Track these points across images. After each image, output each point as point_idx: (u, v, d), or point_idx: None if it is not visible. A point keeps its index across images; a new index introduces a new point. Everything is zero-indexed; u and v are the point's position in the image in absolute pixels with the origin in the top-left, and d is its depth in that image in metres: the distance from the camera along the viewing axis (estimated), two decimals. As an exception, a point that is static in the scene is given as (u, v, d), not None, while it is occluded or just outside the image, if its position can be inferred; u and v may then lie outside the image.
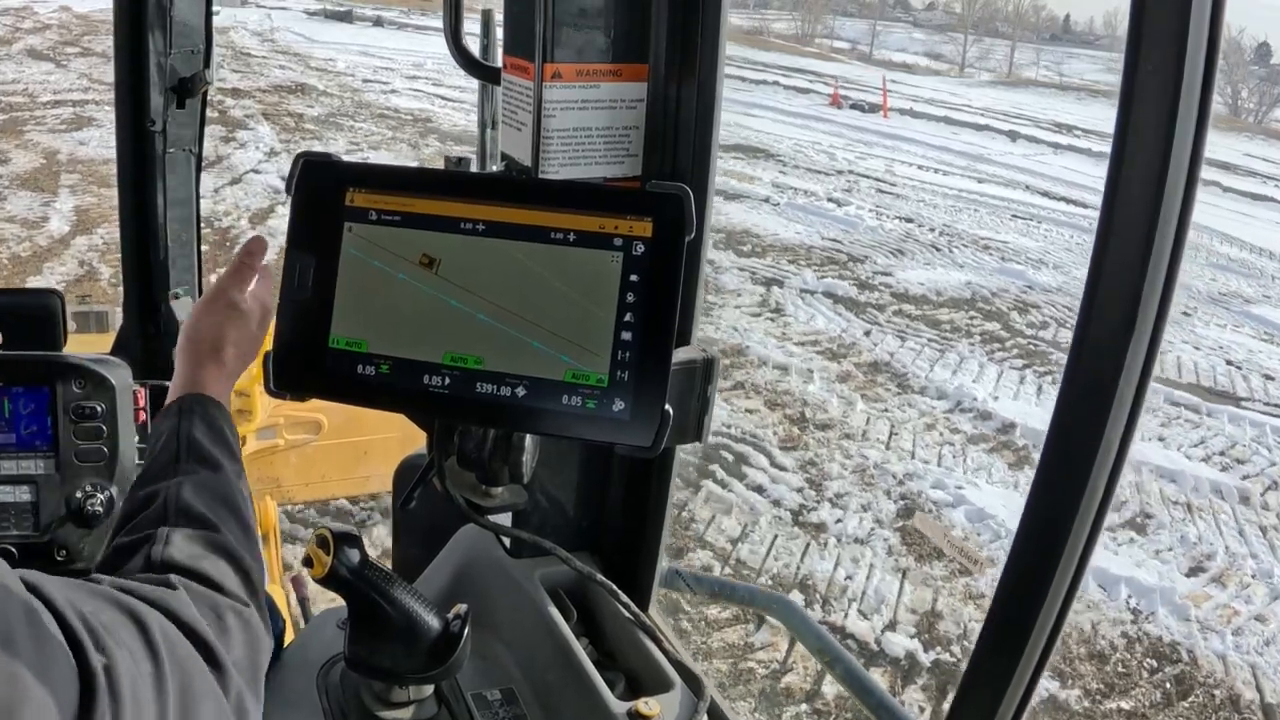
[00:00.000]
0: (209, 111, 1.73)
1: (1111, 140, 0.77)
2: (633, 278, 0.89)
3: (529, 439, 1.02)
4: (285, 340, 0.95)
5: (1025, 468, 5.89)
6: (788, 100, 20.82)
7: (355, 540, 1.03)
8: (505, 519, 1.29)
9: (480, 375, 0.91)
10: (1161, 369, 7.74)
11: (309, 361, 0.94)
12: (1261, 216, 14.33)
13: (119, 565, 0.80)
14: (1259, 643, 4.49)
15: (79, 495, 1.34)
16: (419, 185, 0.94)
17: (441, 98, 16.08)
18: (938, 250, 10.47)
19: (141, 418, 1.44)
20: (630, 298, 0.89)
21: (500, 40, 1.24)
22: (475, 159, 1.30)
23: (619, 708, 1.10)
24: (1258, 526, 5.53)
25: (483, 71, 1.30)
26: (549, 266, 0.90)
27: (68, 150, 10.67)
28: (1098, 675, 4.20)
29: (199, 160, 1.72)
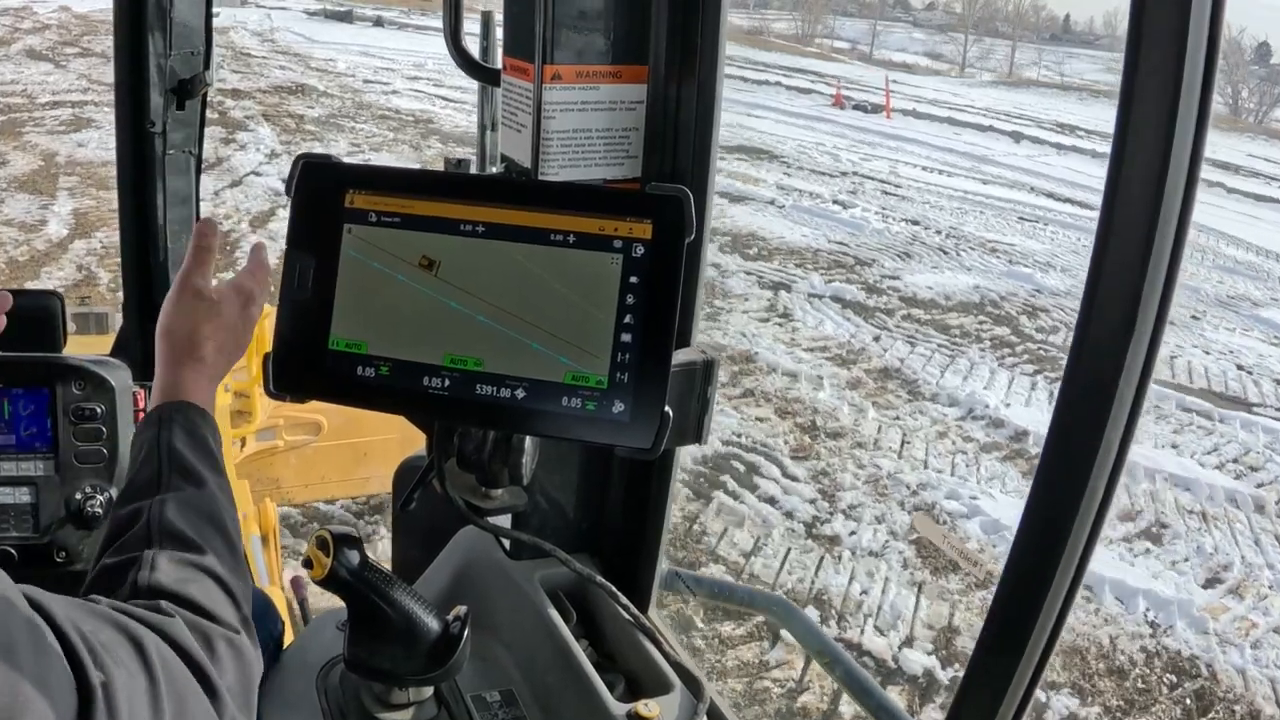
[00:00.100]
0: (209, 113, 1.73)
1: (1111, 140, 0.77)
2: (632, 279, 0.89)
3: (529, 441, 1.02)
4: (285, 342, 0.95)
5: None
6: (790, 101, 20.76)
7: (355, 542, 1.03)
8: (505, 521, 1.29)
9: (480, 377, 0.91)
10: (1173, 374, 7.67)
11: (309, 363, 0.94)
12: (1267, 218, 14.22)
13: (107, 587, 0.80)
14: (1278, 656, 4.42)
15: (78, 497, 1.34)
16: (419, 187, 0.94)
17: (443, 98, 16.00)
18: (945, 253, 10.39)
19: (141, 419, 1.44)
20: (630, 299, 0.89)
21: (500, 42, 1.24)
22: (475, 161, 1.30)
23: (618, 709, 1.10)
24: (1273, 536, 5.46)
25: (482, 73, 1.30)
26: (549, 268, 0.90)
27: (66, 152, 10.60)
28: (1118, 692, 4.14)
29: (199, 162, 1.72)
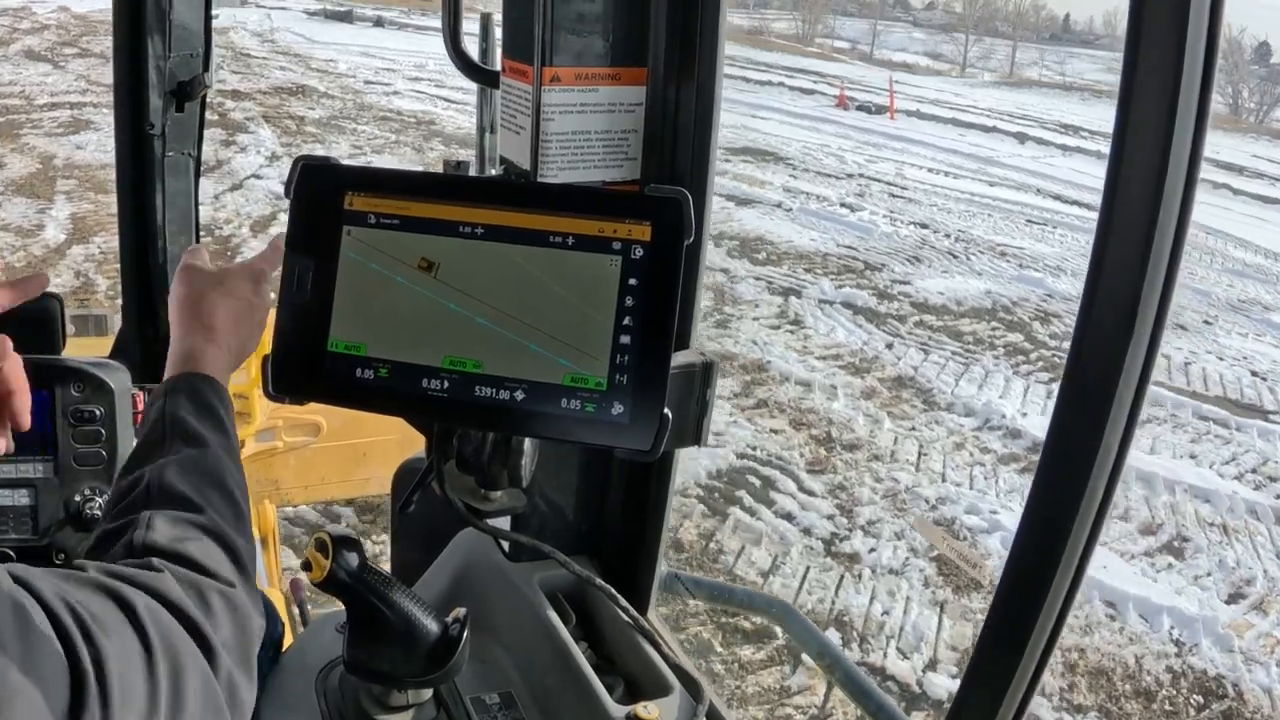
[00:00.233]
0: (208, 114, 1.73)
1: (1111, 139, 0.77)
2: (631, 281, 0.89)
3: (528, 442, 1.02)
4: (284, 343, 0.95)
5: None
6: (793, 101, 20.72)
7: (354, 544, 1.03)
8: (504, 522, 1.30)
9: (479, 379, 0.91)
10: (1188, 381, 7.62)
11: (308, 365, 0.94)
12: (1274, 220, 14.15)
13: (104, 552, 0.80)
14: (1304, 674, 4.37)
15: (78, 499, 1.34)
16: (418, 189, 0.94)
17: (445, 99, 15.94)
18: (955, 257, 10.32)
19: (141, 422, 1.44)
20: (629, 301, 0.89)
21: (499, 44, 1.24)
22: (474, 162, 1.30)
23: (618, 712, 1.10)
24: (1295, 549, 5.40)
25: (481, 75, 1.30)
26: (548, 270, 0.90)
27: (64, 155, 10.53)
28: (1145, 714, 4.09)
29: (198, 163, 1.72)
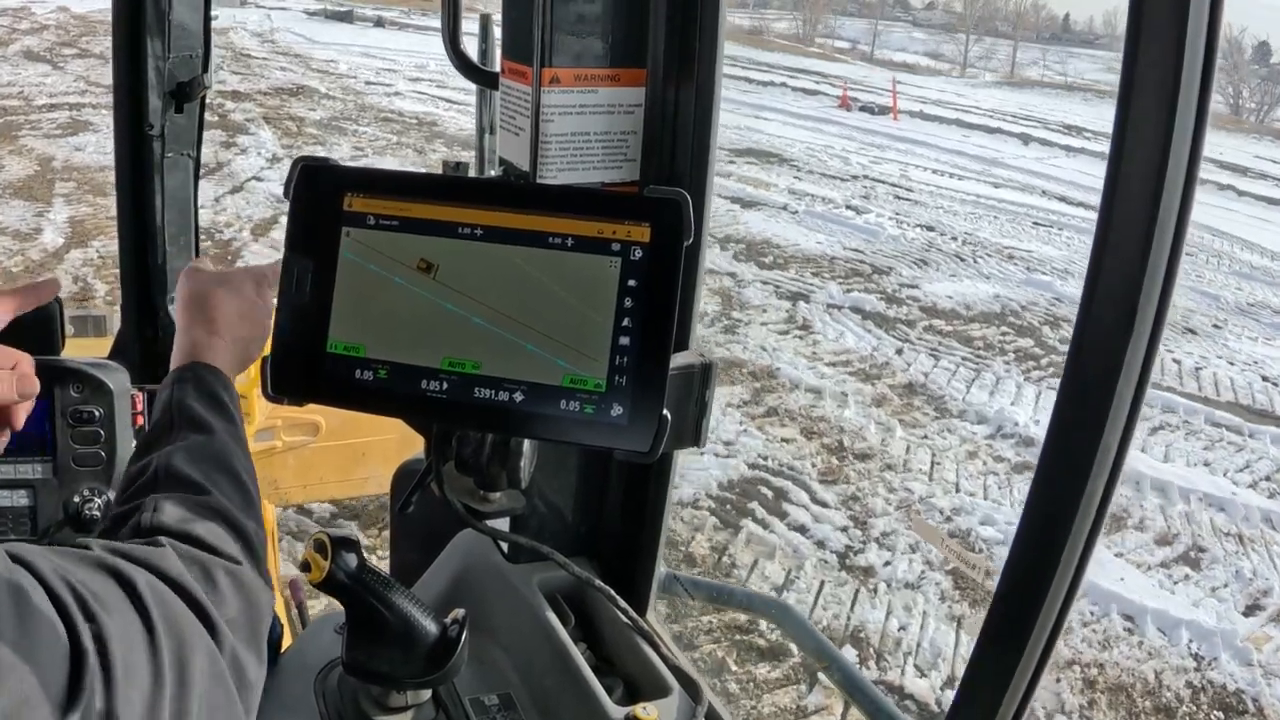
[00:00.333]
0: (208, 115, 1.73)
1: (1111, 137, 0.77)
2: (631, 283, 0.89)
3: (527, 444, 1.02)
4: (283, 344, 0.95)
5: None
6: (796, 102, 20.63)
7: (353, 545, 1.03)
8: (503, 524, 1.30)
9: (478, 380, 0.91)
10: (1199, 387, 7.54)
11: (307, 366, 0.94)
12: (1278, 221, 14.07)
13: (113, 535, 0.80)
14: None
15: (76, 500, 1.33)
16: (417, 190, 0.94)
17: (446, 100, 15.84)
18: (962, 260, 10.23)
19: (140, 422, 1.44)
20: (628, 303, 0.89)
21: (499, 44, 1.24)
22: (473, 164, 1.30)
23: (617, 713, 1.10)
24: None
25: (481, 76, 1.30)
26: (547, 271, 0.90)
27: (63, 157, 10.44)
28: None
29: (197, 164, 1.73)
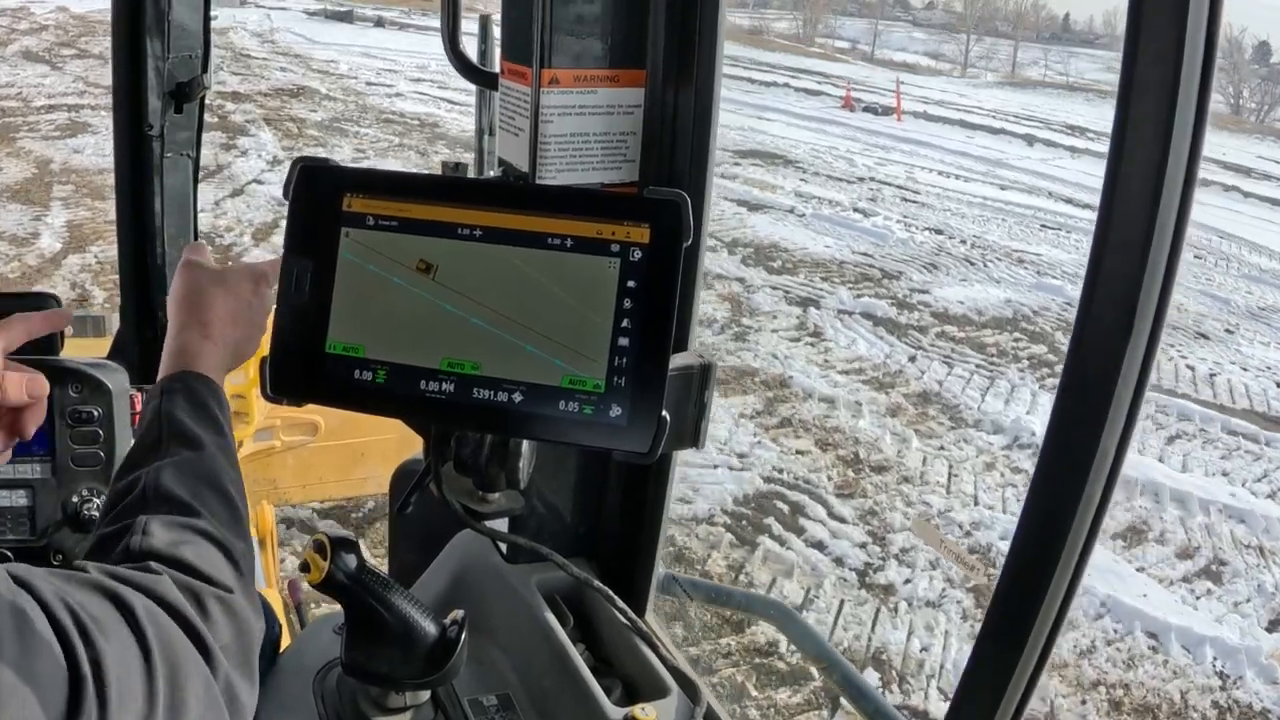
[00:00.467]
0: (208, 116, 1.73)
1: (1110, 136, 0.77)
2: (630, 284, 0.89)
3: (526, 444, 1.02)
4: (283, 345, 0.95)
5: (1098, 513, 5.51)
6: (798, 102, 20.55)
7: (352, 545, 1.03)
8: (502, 524, 1.30)
9: (477, 381, 0.91)
10: (1214, 394, 7.49)
11: (306, 366, 0.94)
12: (1281, 222, 14.13)
13: (102, 556, 0.79)
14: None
15: (75, 500, 1.33)
16: (416, 190, 0.94)
17: (448, 101, 15.74)
18: (972, 264, 10.14)
19: (138, 422, 1.44)
20: (627, 304, 0.89)
21: (498, 45, 1.24)
22: (473, 164, 1.30)
23: (615, 713, 1.10)
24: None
25: (480, 77, 1.30)
26: (546, 272, 0.90)
27: (61, 159, 10.35)
28: None
29: (196, 164, 1.73)
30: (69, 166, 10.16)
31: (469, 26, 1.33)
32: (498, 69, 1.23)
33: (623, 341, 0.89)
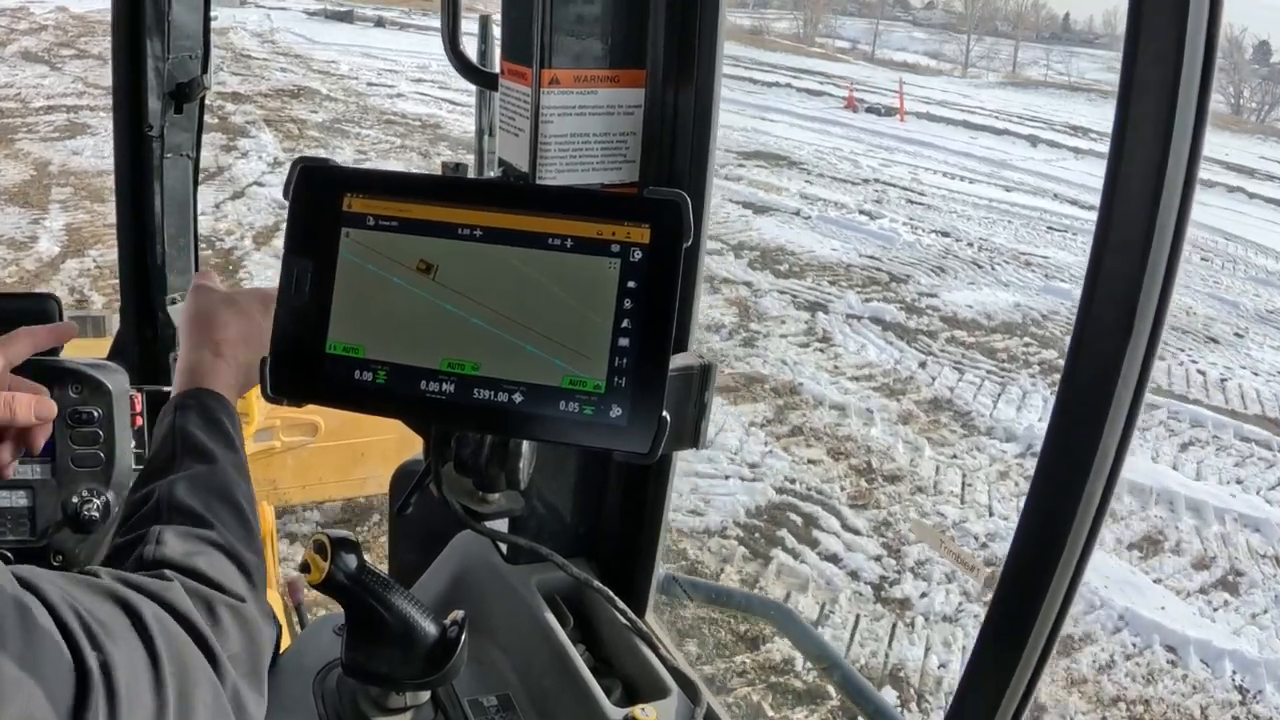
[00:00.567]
0: (208, 117, 1.73)
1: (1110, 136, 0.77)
2: (630, 284, 0.89)
3: (526, 445, 1.02)
4: (282, 345, 0.95)
5: (1112, 522, 5.29)
6: (801, 103, 20.56)
7: (353, 546, 1.03)
8: (502, 525, 1.30)
9: (477, 381, 0.91)
10: (1225, 399, 7.44)
11: (306, 367, 0.94)
12: (1284, 223, 14.02)
13: (116, 565, 0.80)
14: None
15: (75, 500, 1.33)
16: (416, 191, 0.94)
17: (450, 102, 15.70)
18: (979, 267, 10.11)
19: (138, 423, 1.44)
20: (628, 304, 0.89)
21: (498, 45, 1.24)
22: (473, 165, 1.30)
23: (615, 714, 1.10)
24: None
25: (480, 77, 1.30)
26: (546, 272, 0.90)
27: (60, 160, 10.31)
28: None
29: (196, 165, 1.73)
30: (68, 168, 10.10)
31: (469, 27, 1.34)
32: (498, 69, 1.23)
33: (623, 342, 0.88)
